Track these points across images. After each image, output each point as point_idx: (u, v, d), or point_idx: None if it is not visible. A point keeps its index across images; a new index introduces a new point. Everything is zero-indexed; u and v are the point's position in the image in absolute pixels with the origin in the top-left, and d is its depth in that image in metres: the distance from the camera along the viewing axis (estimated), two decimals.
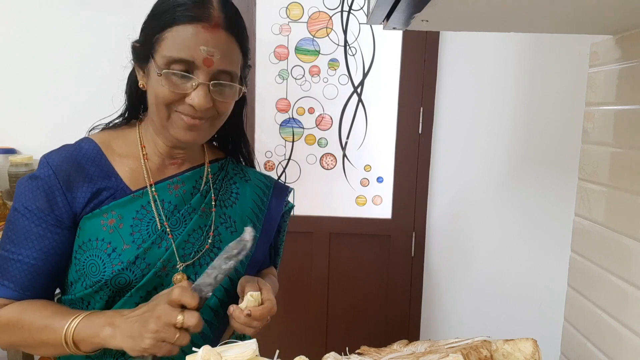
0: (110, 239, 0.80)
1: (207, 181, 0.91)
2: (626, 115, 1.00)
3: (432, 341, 0.94)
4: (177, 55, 0.75)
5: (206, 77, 0.76)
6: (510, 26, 0.99)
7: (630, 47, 0.99)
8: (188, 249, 0.85)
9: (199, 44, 0.74)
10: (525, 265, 1.97)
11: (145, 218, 0.83)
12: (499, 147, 1.93)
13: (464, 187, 1.97)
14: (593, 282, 1.09)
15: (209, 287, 0.76)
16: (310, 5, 1.93)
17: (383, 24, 0.96)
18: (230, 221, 0.91)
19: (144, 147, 0.86)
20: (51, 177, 0.79)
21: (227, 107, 0.83)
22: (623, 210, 0.99)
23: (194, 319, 0.71)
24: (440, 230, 2.01)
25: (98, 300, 0.81)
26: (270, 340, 1.08)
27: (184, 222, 0.86)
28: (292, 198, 1.09)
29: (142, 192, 0.84)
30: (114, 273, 0.78)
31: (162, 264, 0.82)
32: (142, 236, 0.82)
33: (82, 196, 0.80)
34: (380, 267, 2.05)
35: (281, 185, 1.03)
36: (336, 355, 0.86)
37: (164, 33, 0.76)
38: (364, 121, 1.99)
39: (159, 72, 0.76)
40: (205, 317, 0.87)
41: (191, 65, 0.75)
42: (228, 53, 0.78)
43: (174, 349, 0.71)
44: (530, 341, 0.87)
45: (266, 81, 1.98)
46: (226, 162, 0.97)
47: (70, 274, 0.82)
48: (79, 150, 0.83)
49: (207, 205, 0.89)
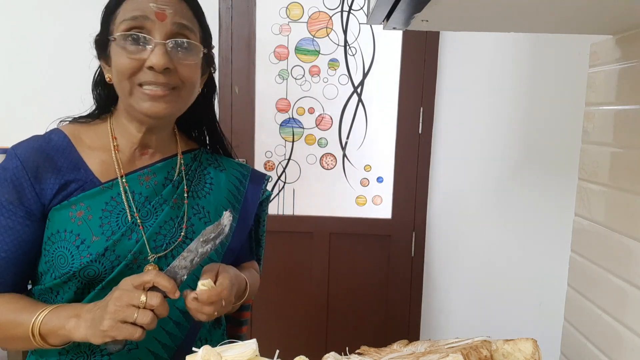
0: (78, 231, 0.79)
1: (180, 172, 0.90)
2: (626, 115, 1.00)
3: (432, 341, 0.94)
4: (129, 15, 0.76)
5: (162, 36, 0.77)
6: (510, 26, 0.99)
7: (630, 47, 0.99)
8: (160, 240, 0.84)
9: (149, 2, 0.76)
10: (525, 265, 1.97)
11: (115, 210, 0.82)
12: (499, 147, 1.93)
13: (464, 187, 1.97)
14: (593, 282, 1.09)
15: (184, 270, 0.74)
16: (310, 5, 1.93)
17: (383, 24, 0.96)
18: (204, 212, 0.90)
19: (115, 139, 0.85)
20: (19, 168, 0.79)
21: (191, 71, 0.81)
22: (623, 210, 0.99)
23: (157, 298, 0.70)
24: (440, 230, 2.01)
25: (67, 290, 0.80)
26: (270, 340, 1.08)
27: (155, 214, 0.85)
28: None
29: (112, 184, 0.83)
30: (82, 265, 0.78)
31: (133, 256, 0.81)
32: (111, 228, 0.81)
33: (51, 187, 0.79)
34: (380, 267, 2.05)
35: (258, 173, 1.02)
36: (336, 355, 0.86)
37: (117, 11, 0.78)
38: (364, 121, 1.99)
39: (115, 41, 0.77)
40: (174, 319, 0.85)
41: (145, 23, 0.76)
42: (180, 11, 0.79)
43: (136, 331, 0.69)
44: (530, 341, 0.87)
45: (266, 81, 1.98)
46: (200, 152, 0.96)
47: (40, 265, 0.82)
48: (47, 141, 0.83)
49: (179, 196, 0.88)
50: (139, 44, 0.76)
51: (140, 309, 0.69)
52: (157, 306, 0.70)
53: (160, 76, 0.77)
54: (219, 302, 0.76)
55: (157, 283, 0.71)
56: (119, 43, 0.77)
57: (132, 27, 0.76)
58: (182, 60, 0.79)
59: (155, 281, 0.71)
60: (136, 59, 0.76)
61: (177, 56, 0.78)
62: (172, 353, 0.86)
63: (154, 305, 0.70)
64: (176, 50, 0.78)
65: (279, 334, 2.07)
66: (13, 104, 1.99)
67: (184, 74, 0.79)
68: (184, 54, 0.79)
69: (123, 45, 0.76)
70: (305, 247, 2.04)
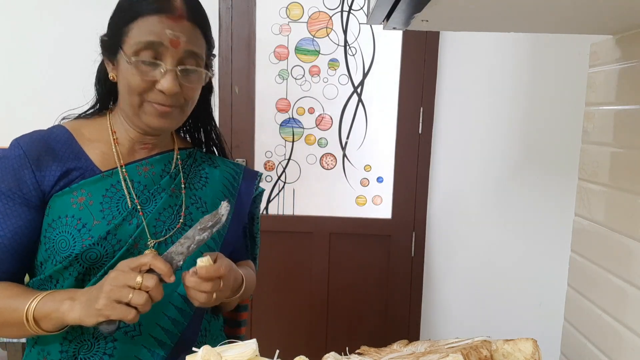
0: (80, 215, 0.81)
1: (177, 165, 0.93)
2: (626, 115, 1.00)
3: (432, 341, 0.94)
4: (144, 39, 0.78)
5: (173, 62, 0.80)
6: (510, 26, 0.99)
7: (630, 47, 0.99)
8: (159, 226, 0.86)
9: (165, 28, 0.79)
10: (525, 265, 1.97)
11: (115, 196, 0.84)
12: (499, 147, 1.93)
13: (464, 186, 1.97)
14: (593, 282, 1.09)
15: (180, 255, 0.76)
16: (310, 5, 1.93)
17: (383, 24, 0.96)
18: (201, 202, 0.93)
19: (115, 132, 0.89)
20: (21, 156, 0.81)
21: (194, 92, 0.86)
22: (623, 210, 0.99)
23: (152, 280, 0.71)
24: (440, 230, 2.01)
25: (67, 277, 0.81)
26: (270, 340, 1.08)
27: (154, 201, 0.87)
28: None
29: (112, 172, 0.86)
30: (84, 247, 0.79)
31: (134, 241, 0.83)
32: (112, 212, 0.83)
33: (52, 175, 0.82)
34: (380, 267, 2.05)
35: (251, 170, 1.05)
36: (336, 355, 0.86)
37: (131, 24, 0.80)
38: (364, 121, 1.99)
39: (128, 60, 0.79)
40: (176, 304, 0.86)
41: (158, 48, 0.79)
42: (193, 38, 0.82)
43: (130, 312, 0.70)
44: (530, 341, 0.87)
45: (266, 81, 1.98)
46: (194, 151, 0.99)
47: (40, 254, 0.83)
48: (49, 134, 0.86)
49: (177, 186, 0.91)
50: (152, 66, 0.80)
51: (135, 289, 0.70)
52: (152, 287, 0.71)
53: (168, 98, 0.82)
54: (218, 281, 0.77)
55: (154, 265, 0.72)
56: (132, 62, 0.79)
57: (146, 50, 0.79)
58: (188, 84, 0.83)
59: (152, 263, 0.72)
60: (148, 80, 0.80)
61: (185, 80, 0.83)
62: (175, 340, 0.87)
63: (150, 286, 0.71)
64: (184, 75, 0.82)
65: (279, 334, 2.07)
66: (13, 104, 1.99)
67: (188, 95, 0.85)
68: (190, 78, 0.83)
69: (136, 66, 0.79)
70: (305, 247, 2.03)
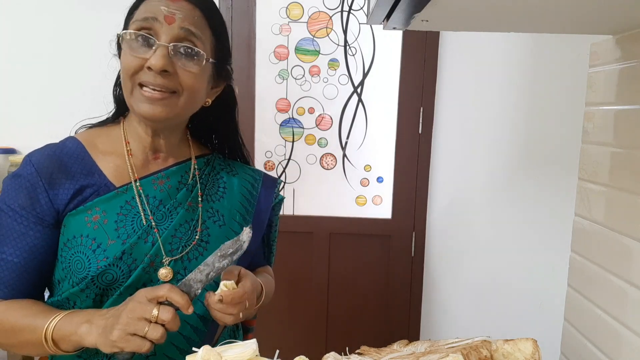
0: (94, 235, 0.79)
1: (194, 176, 0.90)
2: (626, 115, 1.00)
3: (432, 341, 0.94)
4: (141, 16, 0.77)
5: (167, 39, 0.77)
6: (510, 26, 0.99)
7: (630, 47, 0.99)
8: (175, 243, 0.84)
9: (161, 5, 0.77)
10: (525, 265, 1.97)
11: (130, 213, 0.82)
12: (499, 147, 1.93)
13: (464, 186, 1.97)
14: (593, 282, 1.09)
15: (199, 283, 0.75)
16: (310, 5, 1.93)
17: (383, 24, 0.96)
18: (218, 215, 0.90)
19: (128, 143, 0.86)
20: (33, 174, 0.79)
21: (193, 79, 0.80)
22: (623, 210, 0.99)
23: (169, 314, 0.70)
24: (440, 230, 2.01)
25: (84, 299, 0.80)
26: (270, 340, 1.08)
27: (170, 217, 0.85)
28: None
29: (127, 188, 0.83)
30: (100, 269, 0.78)
31: (150, 259, 0.81)
32: (127, 231, 0.81)
33: (65, 193, 0.80)
34: (380, 267, 2.05)
35: (270, 177, 1.02)
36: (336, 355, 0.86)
37: (135, 11, 0.79)
38: (364, 121, 1.99)
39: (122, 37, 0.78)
40: (192, 323, 0.85)
41: (153, 24, 0.77)
42: (190, 17, 0.79)
43: (144, 344, 0.69)
44: (530, 341, 0.87)
45: (266, 81, 1.98)
46: (212, 157, 0.96)
47: (57, 272, 0.82)
48: (62, 148, 0.84)
49: (194, 199, 0.88)
50: (144, 44, 0.77)
51: (151, 323, 0.69)
52: (168, 321, 0.70)
53: (158, 77, 0.77)
54: (243, 303, 0.77)
55: (171, 298, 0.71)
56: (127, 41, 0.78)
57: (141, 28, 0.77)
58: (184, 66, 0.78)
59: (169, 296, 0.71)
60: (139, 58, 0.77)
61: (180, 61, 0.78)
62: None
63: (166, 320, 0.70)
64: (179, 55, 0.78)
65: (279, 334, 2.07)
66: (13, 104, 1.99)
67: (183, 80, 0.79)
68: (186, 59, 0.78)
69: (129, 44, 0.77)
70: (305, 247, 2.03)
